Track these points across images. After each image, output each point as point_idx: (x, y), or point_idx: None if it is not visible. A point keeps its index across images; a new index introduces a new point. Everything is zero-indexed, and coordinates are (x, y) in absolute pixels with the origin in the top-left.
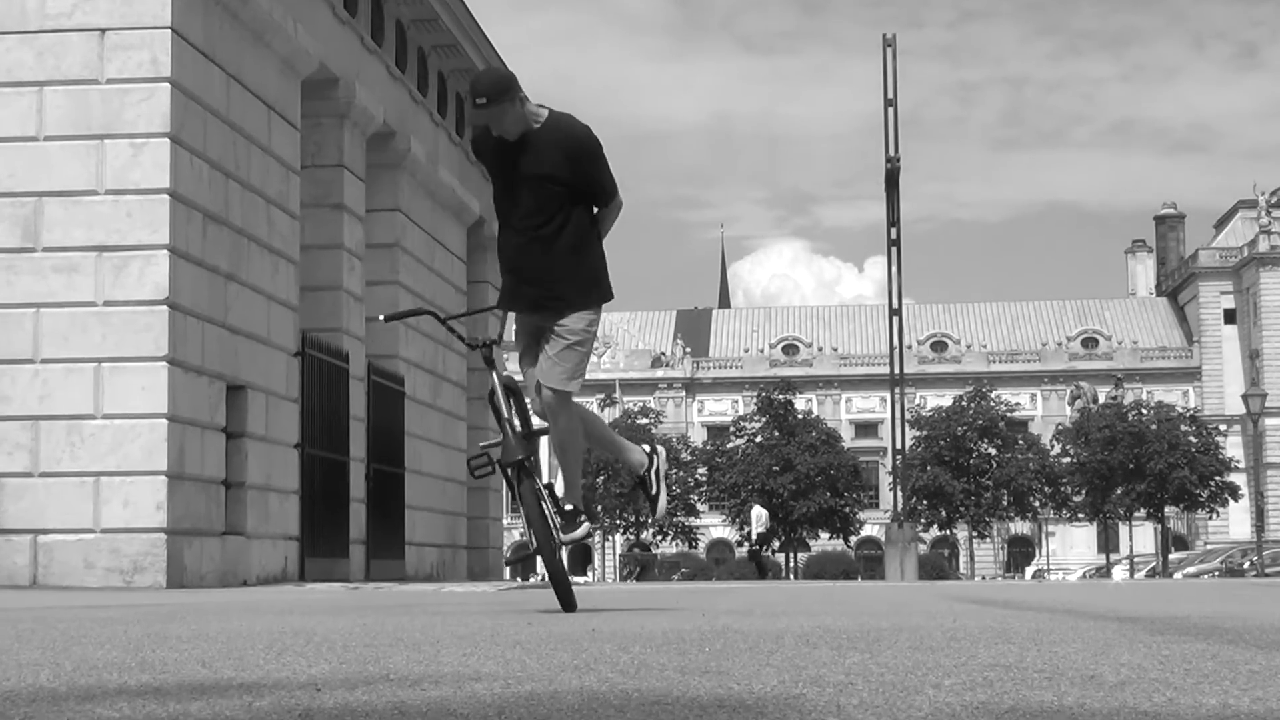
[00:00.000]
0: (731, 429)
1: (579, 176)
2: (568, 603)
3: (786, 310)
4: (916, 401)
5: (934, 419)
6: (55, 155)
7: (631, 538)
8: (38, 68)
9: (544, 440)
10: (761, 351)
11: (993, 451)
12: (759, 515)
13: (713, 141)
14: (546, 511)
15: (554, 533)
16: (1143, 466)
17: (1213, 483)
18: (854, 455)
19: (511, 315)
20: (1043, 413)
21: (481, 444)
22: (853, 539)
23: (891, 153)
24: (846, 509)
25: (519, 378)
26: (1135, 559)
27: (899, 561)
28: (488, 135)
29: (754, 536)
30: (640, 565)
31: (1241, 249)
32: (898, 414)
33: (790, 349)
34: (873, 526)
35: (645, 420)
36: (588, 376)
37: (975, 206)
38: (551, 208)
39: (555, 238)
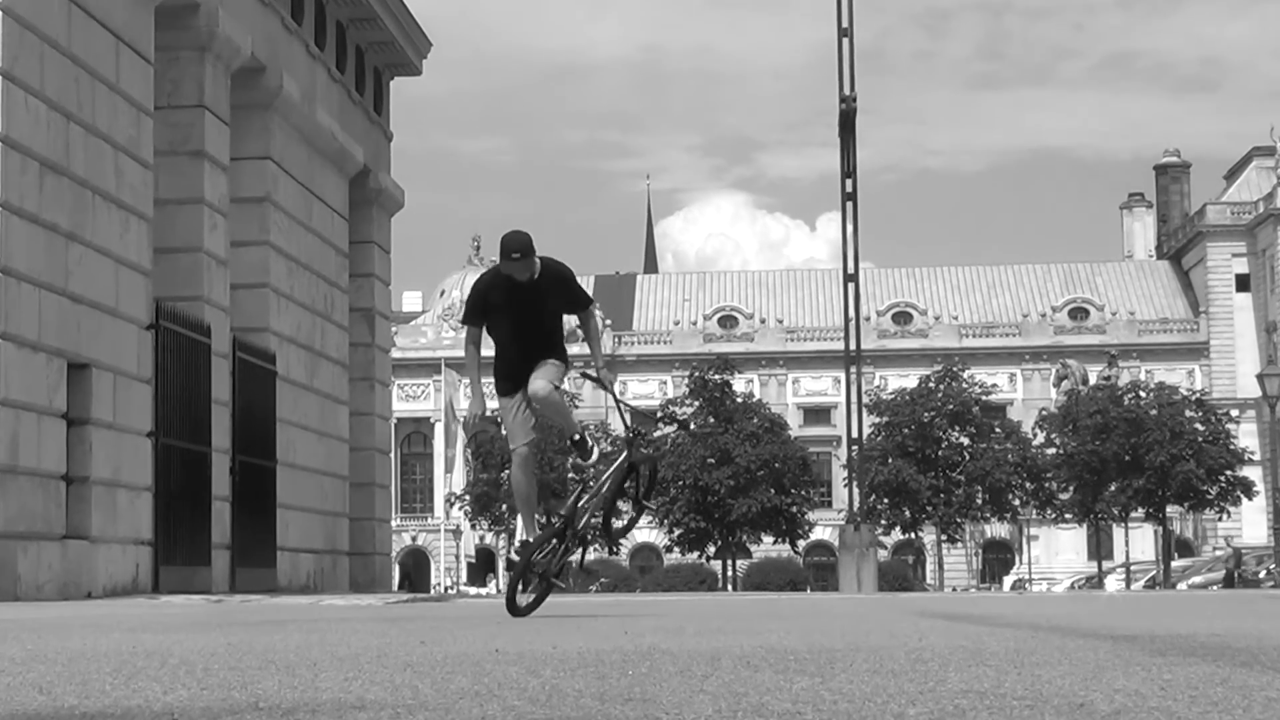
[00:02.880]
0: (659, 415)
1: (564, 299)
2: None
3: (724, 276)
4: (876, 383)
5: (896, 403)
6: None
7: None
8: None
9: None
10: (694, 324)
11: (965, 441)
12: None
13: (638, 78)
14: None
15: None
16: (1140, 459)
17: (1222, 478)
18: (803, 445)
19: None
20: (1024, 396)
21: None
22: (801, 544)
23: (847, 91)
24: (794, 508)
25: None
26: (1132, 567)
27: (855, 570)
28: (500, 278)
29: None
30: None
31: (1256, 204)
32: (854, 397)
33: (728, 321)
34: (825, 529)
35: None
36: (492, 353)
37: (946, 155)
38: (549, 322)
39: (548, 333)
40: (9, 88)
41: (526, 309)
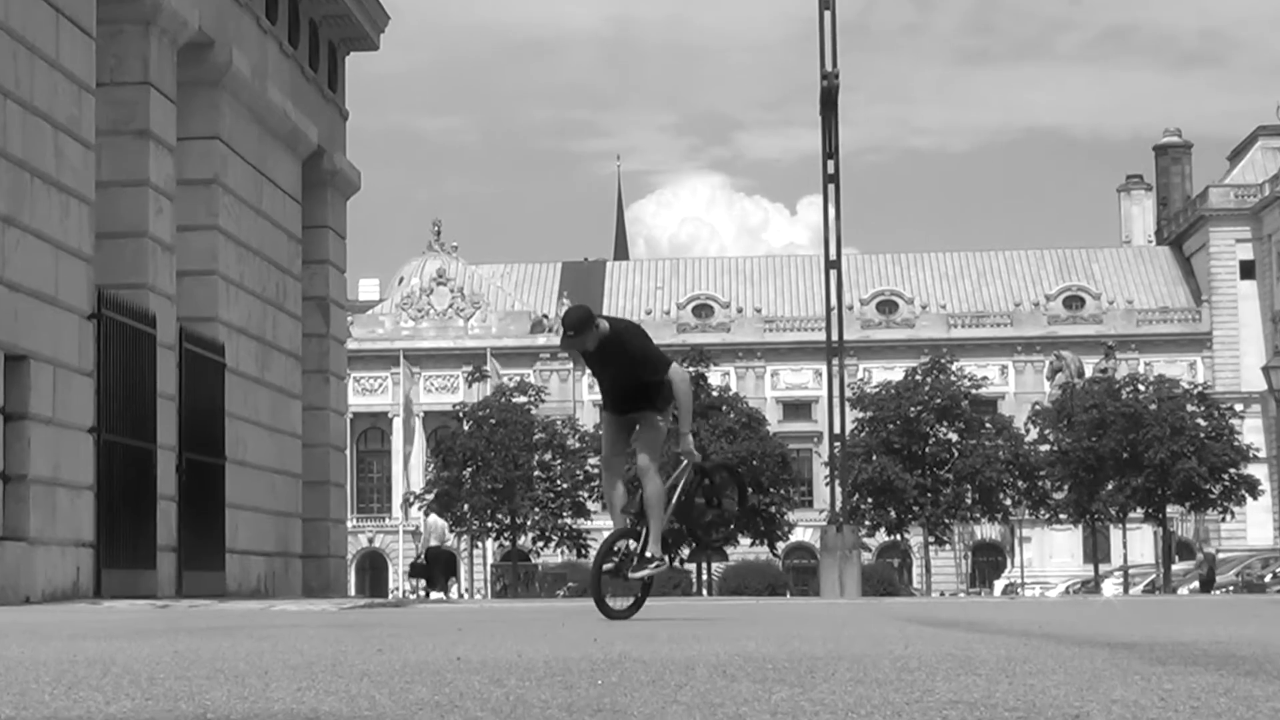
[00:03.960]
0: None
1: (638, 359)
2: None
3: (699, 262)
4: (859, 375)
5: (881, 397)
6: None
7: (506, 544)
8: None
9: None
10: (667, 313)
11: (954, 437)
12: (434, 526)
13: (608, 53)
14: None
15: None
16: (1139, 456)
17: (1226, 476)
18: (782, 442)
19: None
20: (1016, 389)
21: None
22: (780, 546)
23: (829, 67)
24: (773, 508)
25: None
26: (1130, 571)
27: (837, 573)
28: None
29: (424, 552)
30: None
31: (1261, 186)
32: (836, 391)
33: (703, 310)
34: (805, 530)
35: (523, 398)
36: (454, 345)
37: (934, 134)
38: (635, 378)
39: (637, 383)
40: None
41: (608, 371)
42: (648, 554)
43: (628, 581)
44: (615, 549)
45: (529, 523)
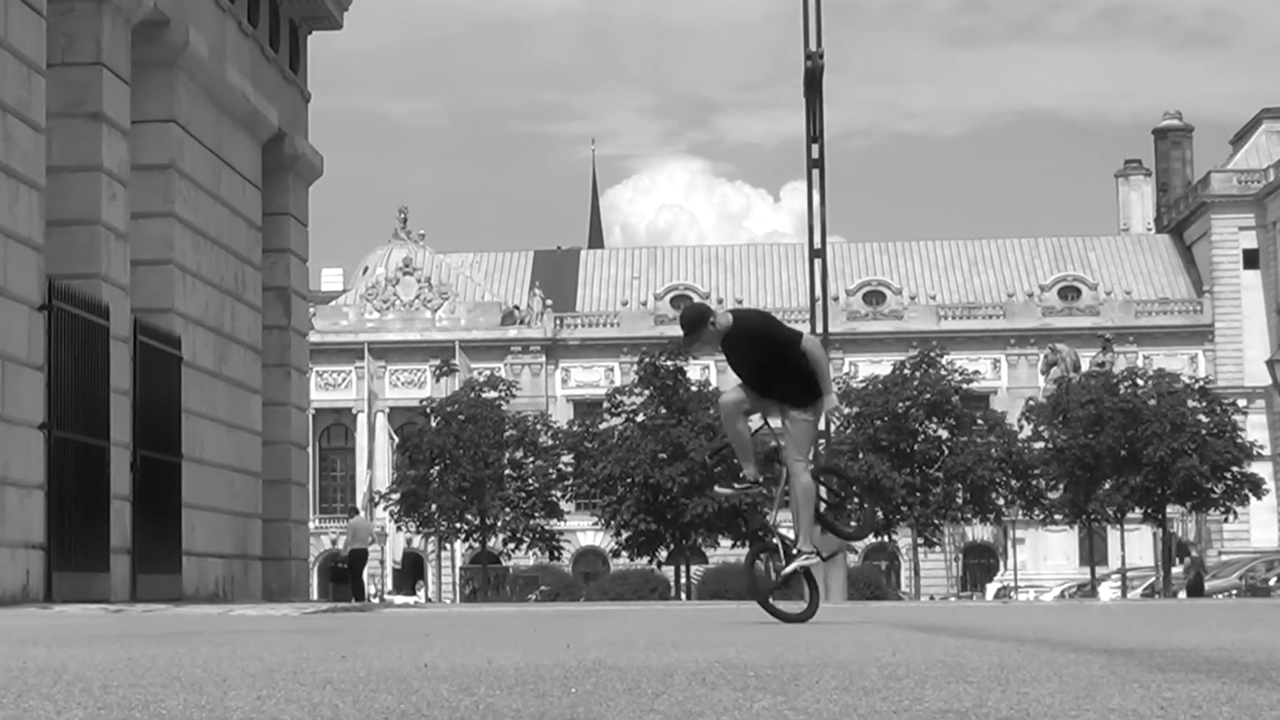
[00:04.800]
0: (605, 405)
1: (766, 343)
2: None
3: (678, 251)
4: (845, 369)
5: (867, 392)
6: None
7: (475, 546)
8: None
9: None
10: (644, 304)
11: (944, 434)
12: (358, 527)
13: (583, 32)
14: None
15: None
16: (1138, 454)
17: (1229, 474)
18: (765, 439)
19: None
20: (1009, 384)
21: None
22: None
23: (814, 47)
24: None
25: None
26: (1129, 574)
27: (822, 577)
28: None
29: (346, 554)
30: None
31: (1266, 171)
32: None
33: (682, 301)
34: (788, 532)
35: (494, 394)
36: (421, 337)
37: (924, 117)
38: (765, 364)
39: (778, 370)
40: None
41: (746, 362)
42: (795, 550)
43: (785, 582)
44: (760, 558)
45: (499, 524)
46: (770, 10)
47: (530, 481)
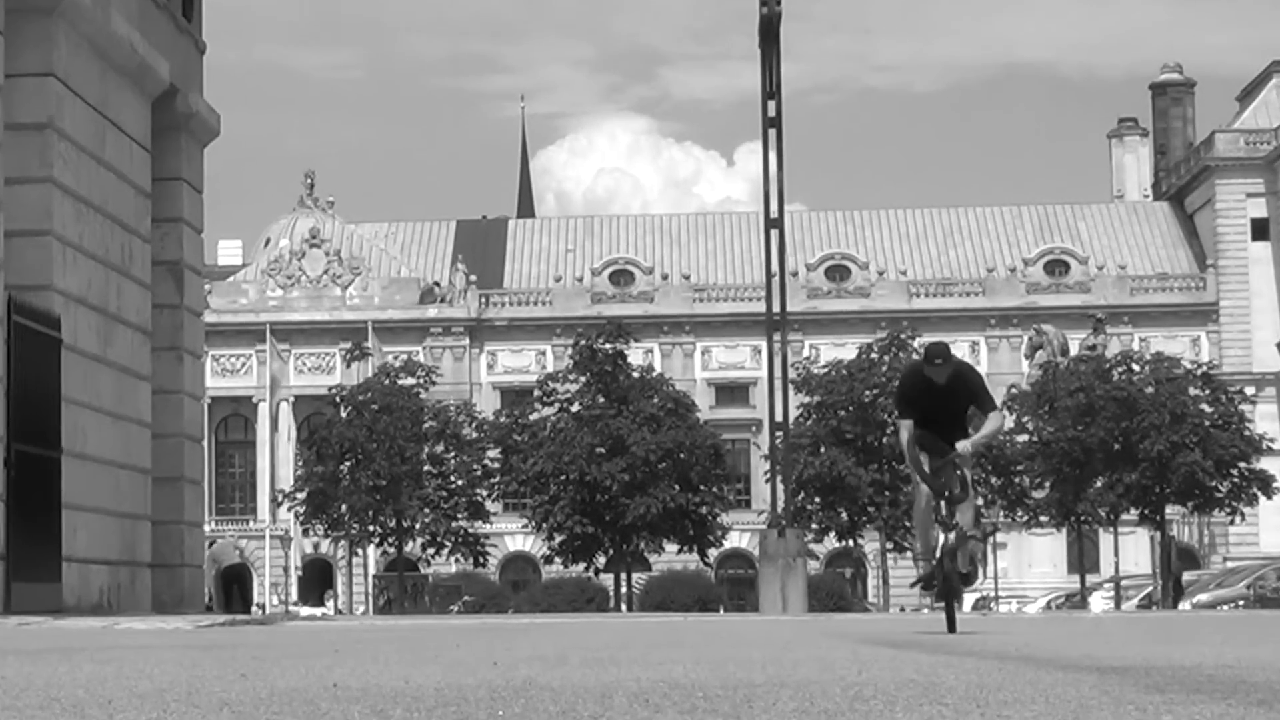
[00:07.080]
0: (537, 393)
1: (970, 402)
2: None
3: (619, 220)
4: (806, 353)
5: (830, 379)
6: None
7: (390, 551)
8: None
9: None
10: (579, 280)
11: None
12: (216, 555)
13: None
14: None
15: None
16: (1134, 447)
17: (1235, 471)
18: (714, 431)
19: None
20: (989, 369)
21: None
22: (712, 553)
23: None
24: (704, 509)
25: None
26: (1123, 582)
27: (779, 586)
28: (922, 378)
29: (221, 573)
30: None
31: (1276, 131)
32: (778, 371)
33: (622, 277)
34: (742, 535)
35: (411, 380)
36: (330, 317)
37: (896, 71)
38: (957, 416)
39: (954, 421)
40: None
41: (938, 405)
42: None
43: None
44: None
45: (418, 526)
46: None
47: (452, 479)
